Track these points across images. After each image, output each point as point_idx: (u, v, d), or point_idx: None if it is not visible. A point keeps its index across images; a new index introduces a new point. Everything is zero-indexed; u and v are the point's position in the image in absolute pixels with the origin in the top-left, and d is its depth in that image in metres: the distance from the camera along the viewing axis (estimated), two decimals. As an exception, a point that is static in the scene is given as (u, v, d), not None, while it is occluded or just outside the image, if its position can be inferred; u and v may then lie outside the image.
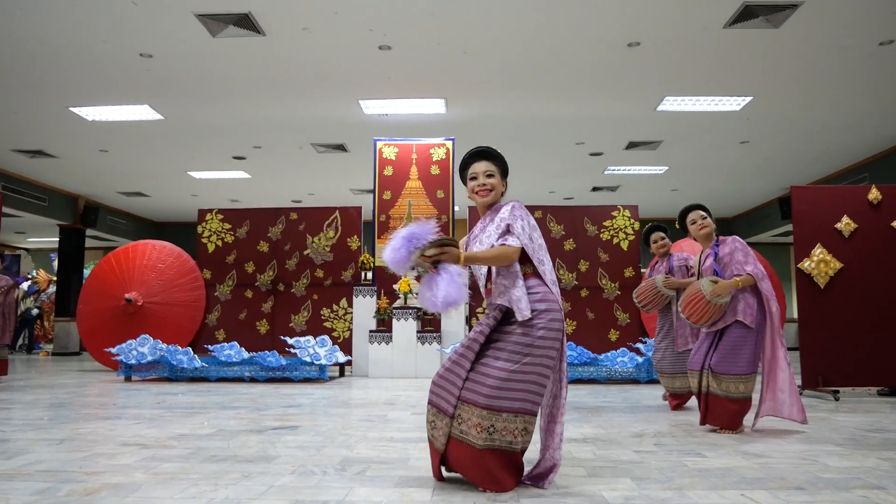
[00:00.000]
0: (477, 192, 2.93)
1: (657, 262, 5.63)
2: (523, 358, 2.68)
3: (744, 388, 4.09)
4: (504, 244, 2.76)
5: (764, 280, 4.20)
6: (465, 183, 3.01)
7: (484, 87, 8.42)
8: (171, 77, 8.03)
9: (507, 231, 2.79)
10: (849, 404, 5.54)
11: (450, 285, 2.70)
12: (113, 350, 7.91)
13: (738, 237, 4.47)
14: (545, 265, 2.83)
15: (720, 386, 4.12)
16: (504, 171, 3.00)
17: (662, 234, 5.52)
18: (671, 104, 8.92)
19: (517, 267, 2.81)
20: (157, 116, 9.38)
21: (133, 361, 7.72)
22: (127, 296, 8.92)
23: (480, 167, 2.94)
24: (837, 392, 5.90)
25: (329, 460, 3.23)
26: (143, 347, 7.83)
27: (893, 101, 8.79)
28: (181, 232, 17.21)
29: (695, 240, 4.63)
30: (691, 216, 4.52)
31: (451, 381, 2.77)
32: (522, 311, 2.69)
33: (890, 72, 7.80)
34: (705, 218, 4.47)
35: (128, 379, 7.84)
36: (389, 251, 2.75)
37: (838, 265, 6.16)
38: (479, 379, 2.71)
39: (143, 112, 9.21)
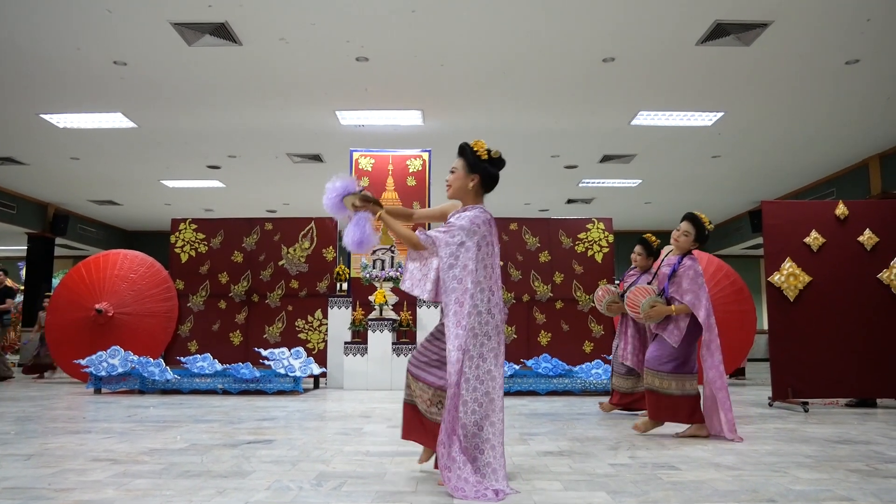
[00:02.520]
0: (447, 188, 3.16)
1: (636, 276, 5.75)
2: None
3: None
4: (421, 232, 3.01)
5: (701, 310, 4.44)
6: None
7: (461, 99, 8.47)
8: (146, 85, 7.95)
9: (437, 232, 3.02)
10: (818, 416, 5.64)
11: (363, 231, 3.12)
12: (82, 361, 7.76)
13: (696, 261, 4.66)
14: (450, 301, 2.93)
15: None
16: (470, 165, 3.10)
17: (640, 250, 5.77)
18: (645, 118, 9.06)
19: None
20: (131, 124, 9.28)
21: (103, 373, 7.58)
22: (97, 306, 8.77)
23: (453, 164, 3.16)
24: (807, 404, 6.00)
25: (305, 475, 3.21)
26: (113, 359, 7.69)
27: (859, 119, 9.02)
28: (154, 241, 16.99)
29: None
30: (681, 224, 4.77)
31: None
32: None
33: (856, 90, 8.01)
34: (687, 235, 4.70)
35: (97, 391, 7.69)
36: (325, 198, 3.19)
37: (807, 279, 6.28)
38: None
39: (116, 120, 9.11)
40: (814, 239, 6.35)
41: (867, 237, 6.31)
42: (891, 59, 7.14)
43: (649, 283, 5.00)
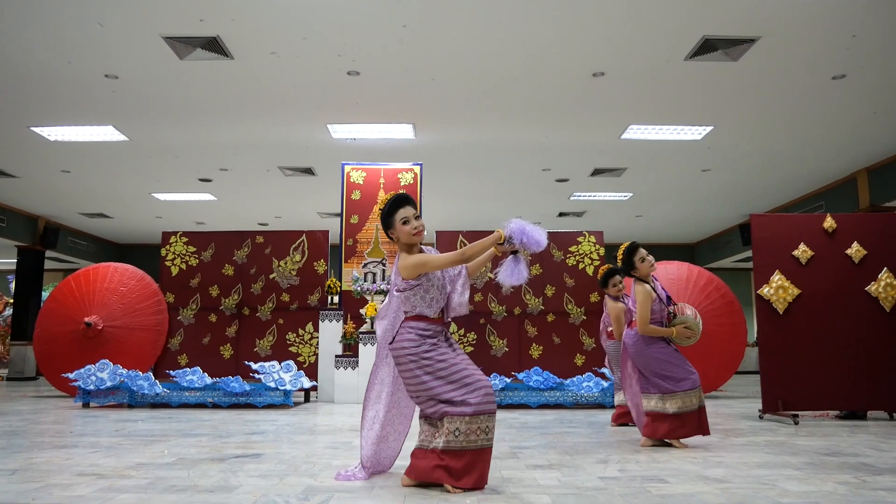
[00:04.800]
0: (414, 234, 3.26)
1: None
2: None
3: None
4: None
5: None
6: (388, 228, 3.32)
7: (452, 113, 8.50)
8: (137, 98, 7.95)
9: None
10: (808, 428, 5.64)
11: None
12: (71, 375, 7.70)
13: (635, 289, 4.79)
14: None
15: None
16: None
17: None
18: (635, 132, 9.11)
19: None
20: (122, 138, 9.26)
21: (91, 387, 7.52)
22: (86, 319, 8.72)
23: (410, 211, 3.28)
24: (797, 416, 6.01)
25: (292, 489, 3.19)
26: (102, 372, 7.64)
27: (846, 133, 9.10)
28: (144, 254, 16.93)
29: (635, 278, 4.80)
30: (641, 252, 4.78)
31: None
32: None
33: (843, 104, 8.09)
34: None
35: (86, 405, 7.63)
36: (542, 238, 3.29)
37: (796, 291, 6.31)
38: None
39: (107, 133, 9.09)
40: (802, 252, 6.39)
41: (855, 250, 6.36)
42: (876, 74, 7.22)
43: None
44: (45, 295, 14.15)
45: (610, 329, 6.18)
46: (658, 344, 4.67)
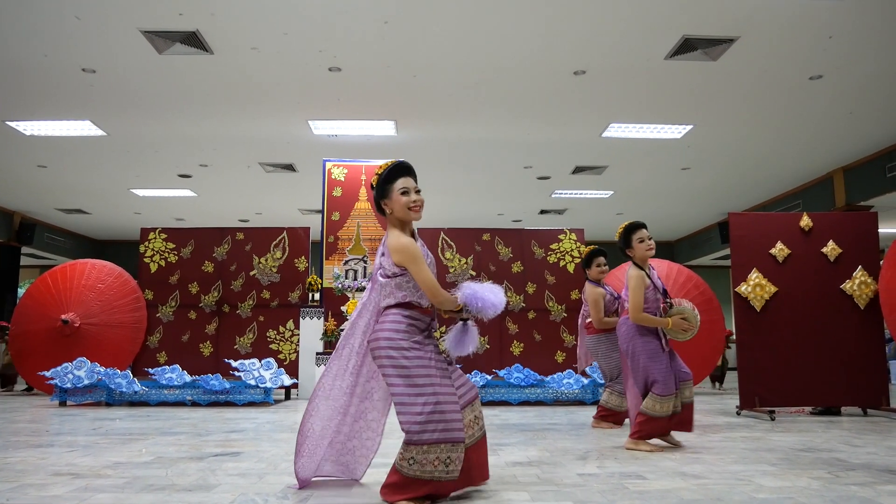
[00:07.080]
0: (411, 209, 2.88)
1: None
2: None
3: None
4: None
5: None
6: (383, 196, 2.91)
7: (434, 110, 8.50)
8: (115, 93, 7.86)
9: None
10: (784, 424, 5.72)
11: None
12: (47, 373, 7.60)
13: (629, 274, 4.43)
14: None
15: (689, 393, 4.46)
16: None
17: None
18: (616, 131, 9.17)
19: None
20: (100, 132, 9.15)
21: (68, 385, 7.43)
22: (63, 317, 8.61)
23: (411, 183, 2.90)
24: (773, 412, 6.09)
25: (271, 488, 3.17)
26: (79, 370, 7.54)
27: (823, 133, 9.23)
28: (123, 251, 16.73)
29: (631, 262, 4.48)
30: (643, 233, 4.44)
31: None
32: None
33: (819, 105, 8.20)
34: (651, 238, 4.45)
35: (62, 404, 7.54)
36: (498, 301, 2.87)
37: (773, 289, 6.39)
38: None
39: (84, 127, 8.97)
40: (779, 250, 6.47)
41: (830, 248, 6.45)
42: (852, 74, 7.32)
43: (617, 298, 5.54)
44: (21, 292, 13.94)
45: (588, 321, 5.70)
46: (651, 341, 4.31)
